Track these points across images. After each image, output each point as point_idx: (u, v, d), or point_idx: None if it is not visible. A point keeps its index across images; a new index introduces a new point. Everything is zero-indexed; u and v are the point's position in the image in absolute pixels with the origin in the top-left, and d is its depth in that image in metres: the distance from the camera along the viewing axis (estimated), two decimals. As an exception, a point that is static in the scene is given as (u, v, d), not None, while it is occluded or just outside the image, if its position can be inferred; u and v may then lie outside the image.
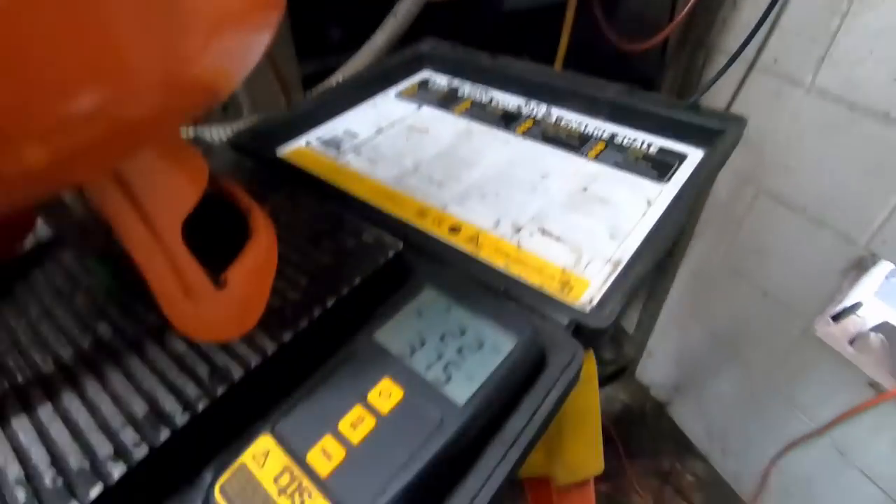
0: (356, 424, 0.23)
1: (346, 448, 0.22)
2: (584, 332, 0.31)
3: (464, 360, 0.25)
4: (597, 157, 0.49)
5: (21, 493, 0.22)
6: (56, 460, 0.23)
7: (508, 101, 0.59)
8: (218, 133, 0.63)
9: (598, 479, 0.47)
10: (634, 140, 0.50)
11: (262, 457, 0.22)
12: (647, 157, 0.48)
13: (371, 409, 0.24)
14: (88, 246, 0.28)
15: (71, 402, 0.25)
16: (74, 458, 0.23)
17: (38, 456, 0.23)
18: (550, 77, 0.57)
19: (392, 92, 0.63)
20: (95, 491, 0.21)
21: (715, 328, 1.28)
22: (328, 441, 0.23)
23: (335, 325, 0.30)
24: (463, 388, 0.24)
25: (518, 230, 0.41)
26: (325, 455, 0.22)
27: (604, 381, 1.65)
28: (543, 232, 0.41)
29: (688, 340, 1.40)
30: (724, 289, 1.20)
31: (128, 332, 0.28)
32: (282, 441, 0.23)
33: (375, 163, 0.50)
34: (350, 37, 0.74)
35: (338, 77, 0.70)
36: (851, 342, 0.98)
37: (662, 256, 0.36)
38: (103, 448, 0.23)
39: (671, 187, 0.44)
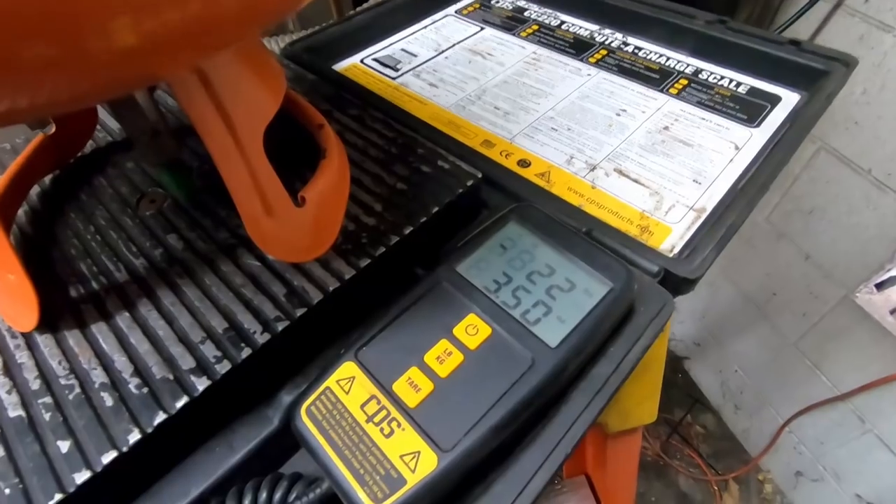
0: (443, 358, 0.22)
1: (433, 381, 0.22)
2: (671, 281, 0.29)
3: (554, 300, 0.24)
4: (678, 95, 0.44)
5: (108, 398, 0.21)
6: (139, 370, 0.22)
7: (580, 26, 0.53)
8: (268, 46, 0.60)
9: None
10: (721, 78, 0.46)
11: (348, 382, 0.22)
12: (735, 97, 0.44)
13: (458, 343, 0.23)
14: (159, 152, 0.26)
15: (149, 311, 0.24)
16: (157, 368, 0.22)
17: (121, 363, 0.22)
18: (628, 1, 0.51)
19: (452, 9, 0.58)
20: (181, 402, 0.21)
21: (747, 288, 1.25)
22: (415, 372, 0.22)
23: (411, 254, 0.28)
24: (555, 330, 0.23)
25: (592, 168, 0.38)
26: (413, 386, 0.21)
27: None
28: (620, 172, 0.38)
29: (716, 298, 1.38)
30: (764, 249, 1.16)
31: (199, 245, 0.27)
32: (366, 368, 0.22)
33: (436, 86, 0.47)
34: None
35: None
36: (892, 312, 0.95)
37: (754, 207, 0.34)
38: (185, 360, 0.22)
39: (762, 132, 0.40)
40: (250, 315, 0.24)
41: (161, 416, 0.21)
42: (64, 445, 0.20)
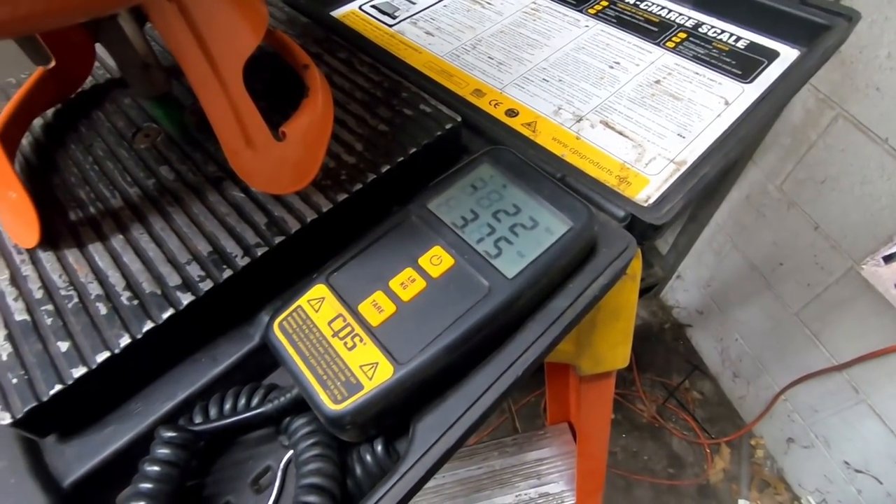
0: (406, 284, 0.24)
1: (396, 304, 0.23)
2: (637, 227, 0.30)
3: (516, 237, 0.25)
4: (675, 48, 0.44)
5: (102, 308, 0.24)
6: (130, 285, 0.24)
7: (584, -23, 0.52)
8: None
9: None
10: (721, 32, 0.45)
11: (318, 302, 0.24)
12: (732, 52, 0.43)
13: (422, 271, 0.24)
14: (149, 86, 0.28)
15: (140, 234, 0.26)
16: (147, 284, 0.24)
17: (115, 278, 0.25)
18: (636, -50, 0.50)
19: (454, -43, 0.57)
20: (167, 313, 0.23)
21: (754, 257, 1.25)
22: (379, 296, 0.24)
23: (388, 193, 0.30)
24: (513, 263, 0.24)
25: (579, 120, 0.39)
26: (377, 307, 0.23)
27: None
28: (606, 124, 0.38)
29: (722, 267, 1.38)
30: (773, 218, 1.15)
31: (188, 177, 0.29)
32: (336, 291, 0.24)
33: (432, 35, 0.47)
34: None
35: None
36: (897, 285, 0.94)
37: (732, 162, 0.34)
38: (172, 278, 0.24)
39: (754, 88, 0.40)
40: (233, 241, 0.26)
41: (149, 325, 0.23)
42: (63, 346, 0.23)
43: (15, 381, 0.22)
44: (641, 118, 0.39)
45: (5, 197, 0.25)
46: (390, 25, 0.48)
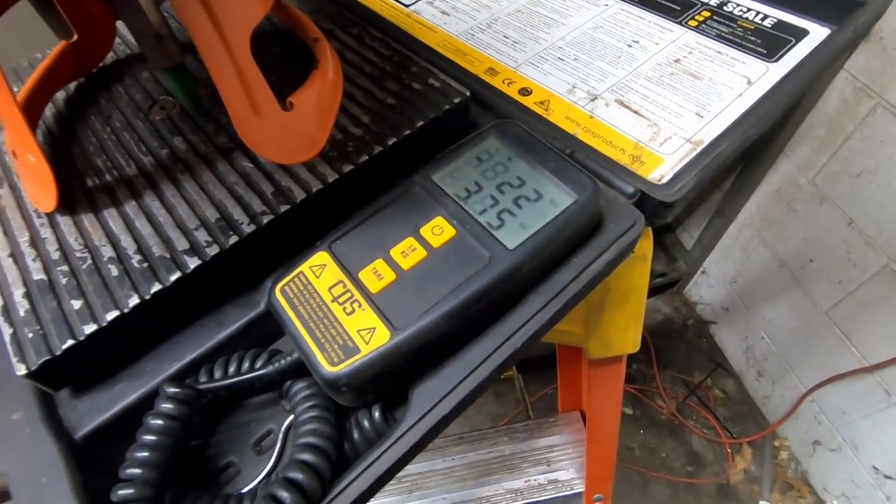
0: (407, 253, 0.24)
1: (396, 272, 0.23)
2: (648, 204, 0.29)
3: (519, 209, 0.25)
4: (698, 27, 0.43)
5: (114, 269, 0.24)
6: (141, 248, 0.25)
7: (606, -45, 0.51)
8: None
9: (626, 380, 0.48)
10: (747, 10, 0.43)
11: (319, 269, 0.24)
12: (758, 30, 0.42)
13: (423, 241, 0.24)
14: (163, 56, 0.28)
15: (152, 201, 0.27)
16: (157, 248, 0.25)
17: (127, 242, 0.25)
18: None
19: (474, -62, 0.56)
20: (174, 276, 0.24)
21: (783, 253, 1.21)
22: (380, 264, 0.24)
23: (394, 165, 0.30)
24: (515, 234, 0.24)
25: (593, 98, 0.38)
26: (377, 275, 0.23)
27: (650, 292, 1.64)
28: (621, 103, 0.38)
29: (749, 263, 1.34)
30: (805, 212, 1.11)
31: (199, 147, 0.29)
32: (337, 258, 0.24)
33: (448, 14, 0.47)
34: None
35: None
36: (937, 284, 0.90)
37: (751, 141, 0.33)
38: (181, 243, 0.25)
39: (779, 67, 0.39)
40: (240, 208, 0.26)
41: (157, 286, 0.24)
42: (76, 304, 0.23)
43: (31, 335, 0.23)
44: (658, 97, 0.38)
45: (26, 162, 0.26)
46: (407, 6, 0.48)
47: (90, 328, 0.23)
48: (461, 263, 0.23)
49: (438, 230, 0.25)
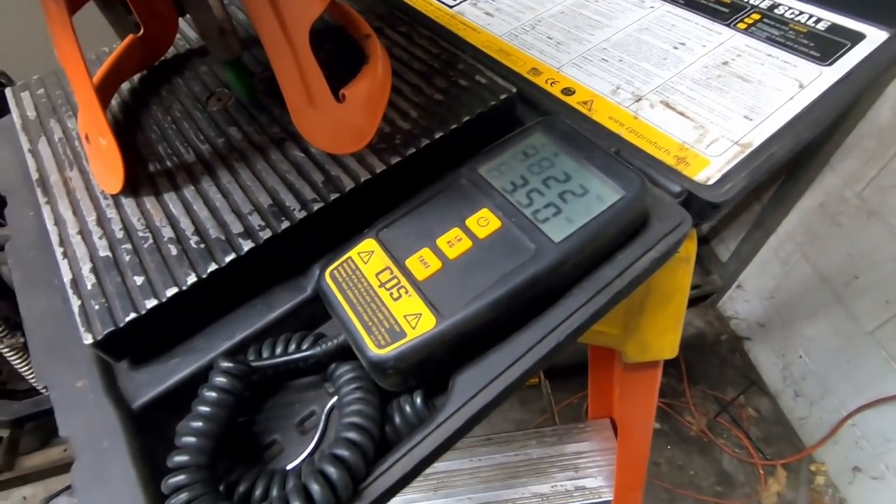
0: (453, 243, 0.24)
1: (442, 261, 0.24)
2: (694, 204, 0.29)
3: (565, 203, 0.25)
4: (747, 30, 0.42)
5: (173, 249, 0.26)
6: (198, 230, 0.26)
7: (652, -42, 0.51)
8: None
9: None
10: (800, 13, 0.42)
11: (367, 255, 0.25)
12: (811, 34, 0.41)
13: (468, 232, 0.25)
14: (225, 49, 0.30)
15: (209, 186, 0.28)
16: (213, 230, 0.26)
17: (185, 224, 0.27)
18: (710, -70, 0.48)
19: (519, -59, 0.57)
20: (229, 258, 0.25)
21: (826, 269, 1.16)
22: (426, 252, 0.24)
23: (440, 159, 0.30)
24: (561, 228, 0.24)
25: (638, 99, 0.38)
26: (423, 263, 0.24)
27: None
28: (667, 105, 0.37)
29: (789, 278, 1.30)
30: (850, 227, 1.07)
31: (254, 137, 0.31)
32: (384, 245, 0.25)
33: (491, 15, 0.47)
34: None
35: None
36: None
37: (802, 145, 0.32)
38: (235, 226, 0.26)
39: (833, 71, 0.38)
40: (292, 195, 0.27)
41: (213, 266, 0.25)
42: (139, 280, 0.25)
43: (97, 307, 0.24)
44: (705, 99, 0.37)
45: (97, 144, 0.28)
46: (451, 6, 0.49)
47: (151, 303, 0.24)
48: (506, 254, 0.24)
49: (484, 221, 0.25)
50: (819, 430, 1.26)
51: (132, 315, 0.23)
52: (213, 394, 0.22)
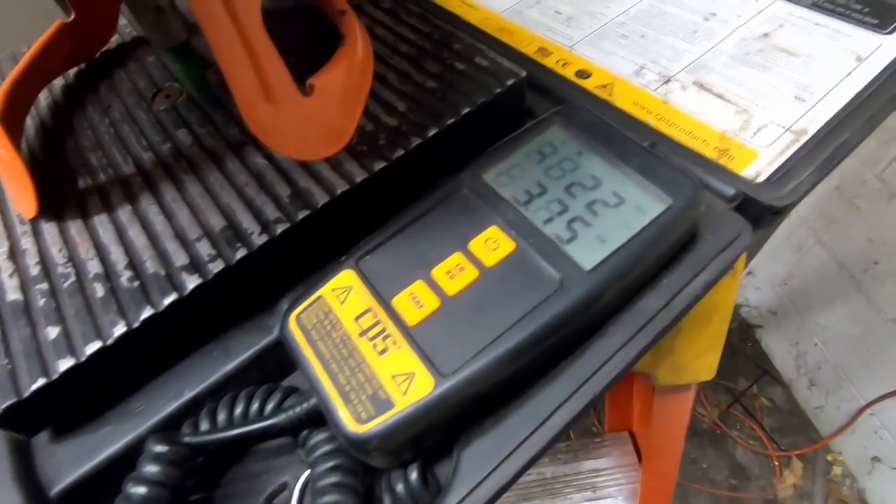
0: (454, 274, 0.19)
1: (440, 298, 0.19)
2: (750, 210, 0.23)
3: (596, 217, 0.20)
4: (788, -4, 0.36)
5: (100, 289, 0.20)
6: (133, 263, 0.21)
7: (670, -82, 0.44)
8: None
9: None
10: (849, -25, 0.36)
11: (344, 292, 0.19)
12: (865, -3, 0.35)
13: (473, 258, 0.19)
14: (165, 34, 0.24)
15: (150, 205, 0.23)
16: (151, 263, 0.21)
17: (117, 255, 0.21)
18: None
19: None
20: (169, 299, 0.20)
21: (843, 254, 1.11)
22: (420, 287, 0.19)
23: (436, 161, 0.25)
24: (592, 251, 0.19)
25: (666, 81, 0.32)
26: (416, 302, 0.18)
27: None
28: (701, 86, 0.31)
29: (803, 264, 1.25)
30: (870, 210, 1.01)
31: (207, 141, 0.25)
32: (366, 278, 0.19)
33: (490, -10, 0.41)
34: None
35: None
36: None
37: (872, 131, 0.27)
38: (178, 257, 0.21)
39: (896, 41, 0.32)
40: (250, 215, 0.22)
41: (148, 312, 0.19)
42: (53, 332, 0.19)
43: (-3, 371, 0.19)
44: (746, 78, 0.32)
45: (2, 159, 0.22)
46: (444, -20, 0.43)
47: (66, 363, 0.18)
48: (524, 288, 0.18)
49: (493, 244, 0.19)
50: (835, 419, 1.22)
51: (41, 382, 0.18)
52: (141, 490, 0.16)
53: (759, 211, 0.23)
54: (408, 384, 0.17)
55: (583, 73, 0.34)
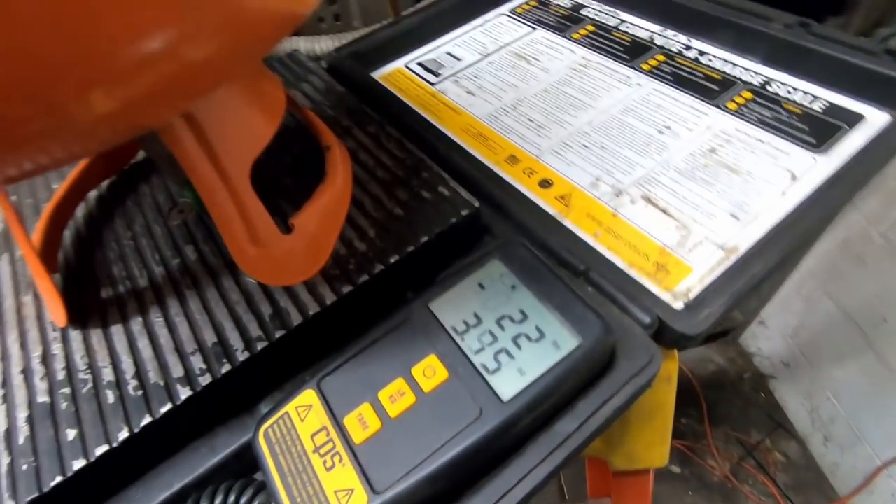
0: (395, 398, 0.23)
1: (382, 420, 0.22)
2: (668, 334, 0.27)
3: (519, 349, 0.23)
4: (737, 111, 0.40)
5: (111, 396, 0.25)
6: (139, 373, 0.25)
7: (640, 26, 0.49)
8: (326, 45, 0.62)
9: (674, 435, 0.44)
10: (794, 91, 0.40)
11: (305, 410, 0.23)
12: (806, 114, 0.38)
13: (413, 384, 0.23)
14: (177, 173, 0.29)
15: (156, 318, 0.27)
16: (153, 374, 0.25)
17: (127, 364, 0.26)
18: (693, 2, 0.46)
19: (507, 8, 0.56)
20: (165, 408, 0.24)
21: (852, 308, 1.10)
22: (366, 409, 0.23)
23: (399, 281, 0.29)
24: (511, 382, 0.22)
25: (618, 193, 0.36)
26: (362, 422, 0.22)
27: (701, 340, 1.54)
28: (648, 200, 0.35)
29: (813, 316, 1.24)
30: (876, 267, 1.01)
31: (209, 258, 0.30)
32: (324, 398, 0.23)
33: (473, 94, 0.46)
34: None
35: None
36: None
37: (792, 254, 0.30)
38: (176, 369, 0.25)
39: (829, 160, 0.35)
40: (237, 332, 0.26)
41: (147, 419, 0.24)
42: (71, 434, 0.24)
43: (25, 467, 0.23)
44: (690, 193, 0.35)
45: (38, 280, 0.27)
46: (433, 84, 0.48)
47: (79, 463, 0.23)
48: (451, 414, 0.22)
49: (431, 371, 0.23)
50: (852, 478, 1.19)
51: (58, 479, 0.22)
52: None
53: (675, 336, 0.26)
54: (347, 499, 0.20)
55: (545, 183, 0.38)
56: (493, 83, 0.47)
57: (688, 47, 0.46)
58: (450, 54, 0.51)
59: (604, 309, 0.26)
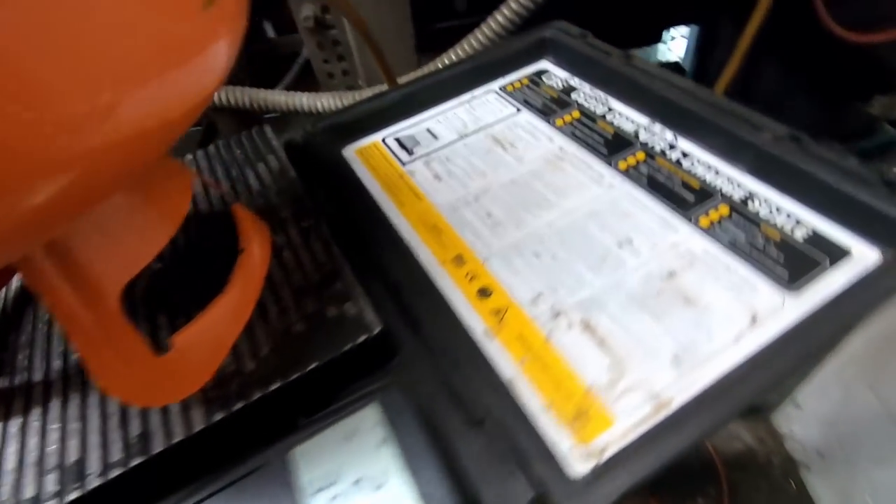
0: (225, 564, 0.21)
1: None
2: (557, 511, 0.23)
3: (365, 526, 0.21)
4: (709, 228, 0.36)
5: (-37, 508, 0.24)
6: (-1, 484, 0.25)
7: (628, 117, 0.46)
8: (328, 102, 0.63)
9: None
10: (777, 211, 0.36)
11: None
12: (784, 242, 0.34)
13: (246, 550, 0.21)
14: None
15: (34, 422, 0.27)
16: (7, 489, 0.24)
17: (-10, 474, 0.25)
18: (689, 97, 0.43)
19: (497, 84, 0.55)
20: (7, 534, 0.23)
21: (894, 404, 0.99)
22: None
23: (284, 407, 0.27)
24: (344, 569, 0.20)
25: (556, 315, 0.33)
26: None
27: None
28: (587, 326, 0.32)
29: (850, 406, 1.12)
30: (923, 367, 0.91)
31: (103, 359, 0.29)
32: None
33: (440, 179, 0.45)
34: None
35: (450, 55, 0.64)
36: None
37: (728, 419, 0.26)
38: (28, 490, 0.24)
39: (801, 301, 0.31)
40: (100, 450, 0.25)
41: (-18, 545, 0.23)
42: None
43: None
44: (635, 324, 0.32)
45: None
46: (404, 164, 0.47)
47: None
48: None
49: (268, 537, 0.21)
50: None
51: None
52: None
53: (563, 516, 0.23)
54: None
55: (484, 292, 0.35)
56: (462, 168, 0.45)
57: (672, 146, 0.43)
58: (429, 131, 0.50)
59: (484, 474, 0.23)
